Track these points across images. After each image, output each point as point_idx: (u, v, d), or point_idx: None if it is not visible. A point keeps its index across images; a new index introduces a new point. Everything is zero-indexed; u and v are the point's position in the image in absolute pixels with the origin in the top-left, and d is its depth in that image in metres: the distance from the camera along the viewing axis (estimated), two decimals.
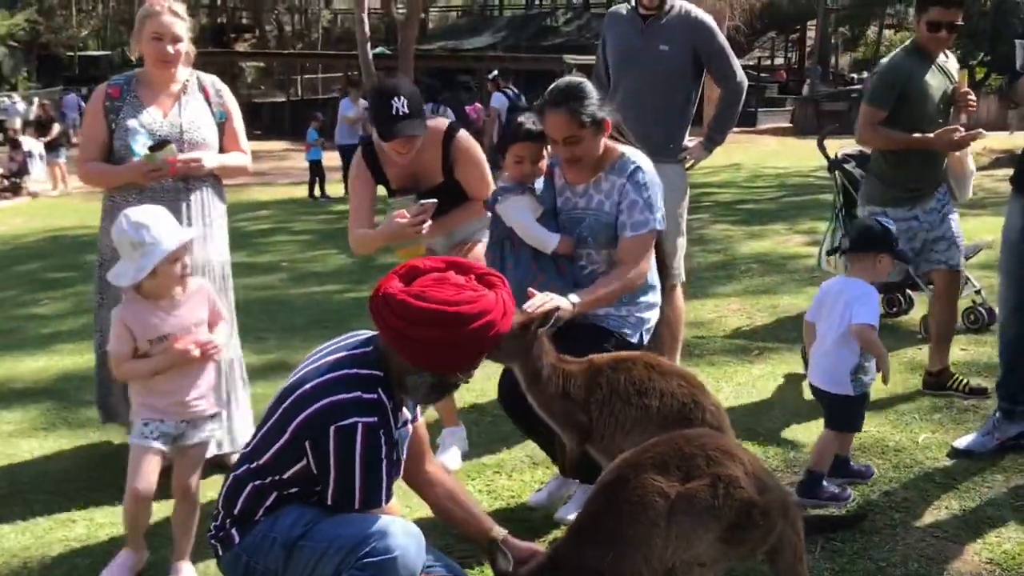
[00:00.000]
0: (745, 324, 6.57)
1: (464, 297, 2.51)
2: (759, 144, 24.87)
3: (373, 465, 2.50)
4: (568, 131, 3.43)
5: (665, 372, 3.19)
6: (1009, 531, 3.47)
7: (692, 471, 2.70)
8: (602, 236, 3.55)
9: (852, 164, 6.54)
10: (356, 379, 2.55)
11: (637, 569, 2.65)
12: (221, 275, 4.21)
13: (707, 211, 12.29)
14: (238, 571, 2.63)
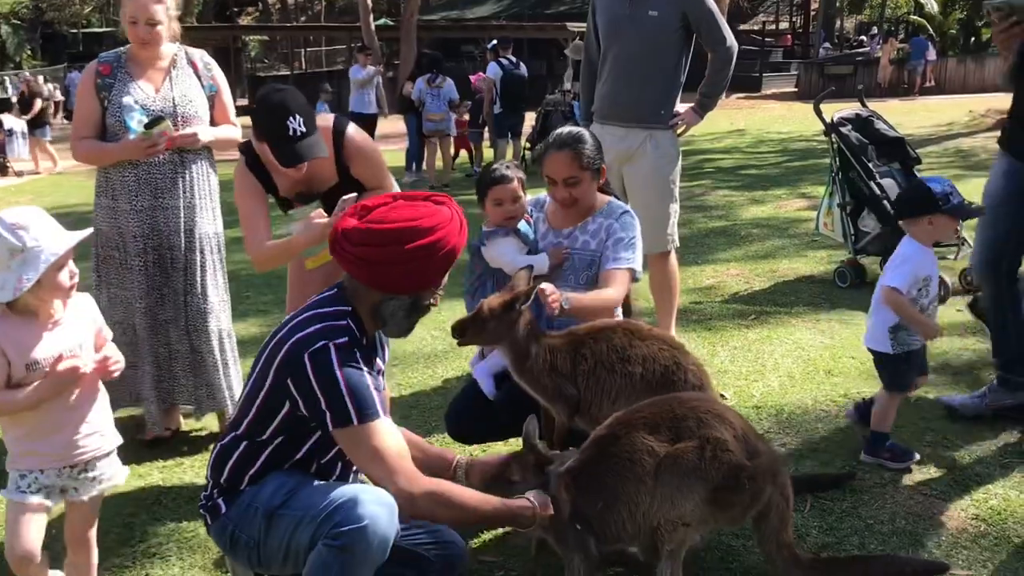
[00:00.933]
0: (744, 289, 6.61)
1: (420, 212, 2.60)
2: (764, 109, 24.79)
3: (354, 377, 2.51)
4: (570, 172, 3.55)
5: (645, 337, 3.23)
6: (996, 488, 3.52)
7: (682, 432, 2.76)
8: (584, 275, 3.63)
9: (848, 128, 6.55)
10: (323, 314, 2.61)
11: (621, 521, 2.73)
12: (216, 247, 4.26)
13: (709, 177, 12.28)
14: (225, 541, 2.68)
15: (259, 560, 2.64)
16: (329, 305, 2.65)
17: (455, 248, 2.63)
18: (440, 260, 2.61)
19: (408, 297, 2.64)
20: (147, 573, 3.26)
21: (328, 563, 2.44)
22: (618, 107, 4.90)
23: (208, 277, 4.25)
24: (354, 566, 2.45)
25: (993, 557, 3.06)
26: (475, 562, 3.16)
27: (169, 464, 4.14)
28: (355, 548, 2.43)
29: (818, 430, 4.10)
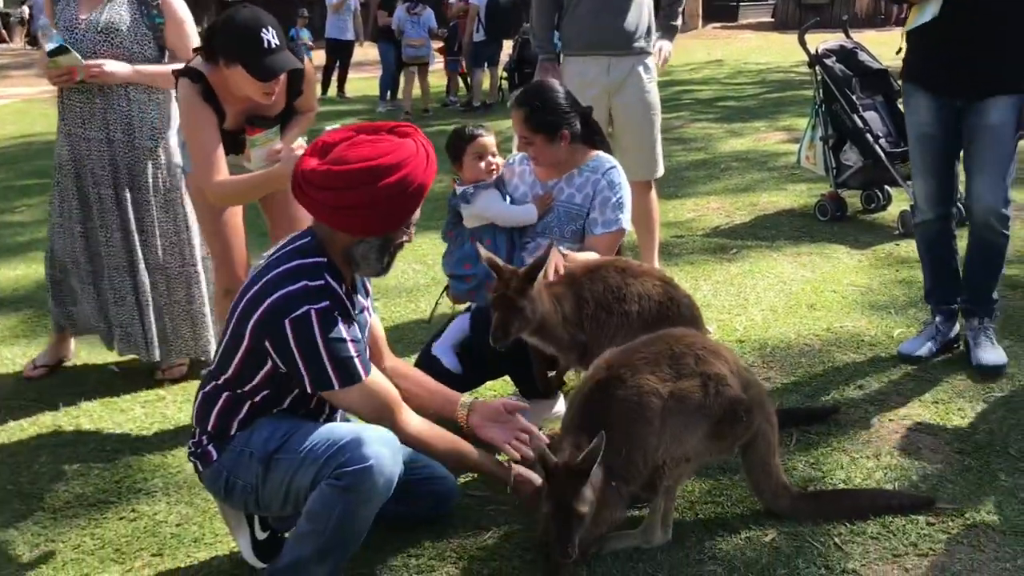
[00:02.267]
0: (725, 223, 6.59)
1: (382, 149, 2.50)
2: (740, 39, 24.59)
3: (336, 344, 2.48)
4: (522, 131, 3.55)
5: (637, 274, 3.22)
6: (980, 423, 3.54)
7: (682, 370, 2.75)
8: (568, 228, 3.61)
9: (833, 59, 6.49)
10: (299, 269, 2.52)
11: (638, 465, 2.70)
12: (163, 186, 4.08)
13: (687, 109, 12.19)
14: (219, 486, 2.65)
15: (257, 503, 2.64)
16: (303, 256, 2.56)
17: (424, 183, 2.55)
18: (409, 198, 2.53)
19: (379, 238, 2.58)
20: (133, 509, 3.24)
21: (332, 501, 2.45)
22: (604, 35, 4.78)
23: (155, 216, 4.08)
24: (359, 504, 2.47)
25: (977, 491, 3.09)
26: (465, 497, 3.16)
27: (151, 399, 4.11)
28: (360, 487, 2.44)
29: (802, 364, 4.11)
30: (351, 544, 2.56)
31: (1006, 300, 4.66)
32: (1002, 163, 3.80)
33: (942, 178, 3.98)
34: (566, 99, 3.61)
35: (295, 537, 2.55)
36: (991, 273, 4.00)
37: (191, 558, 2.95)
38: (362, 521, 2.51)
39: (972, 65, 3.74)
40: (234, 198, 3.59)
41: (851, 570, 2.72)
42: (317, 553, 2.50)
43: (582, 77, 4.70)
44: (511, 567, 2.81)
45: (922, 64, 3.92)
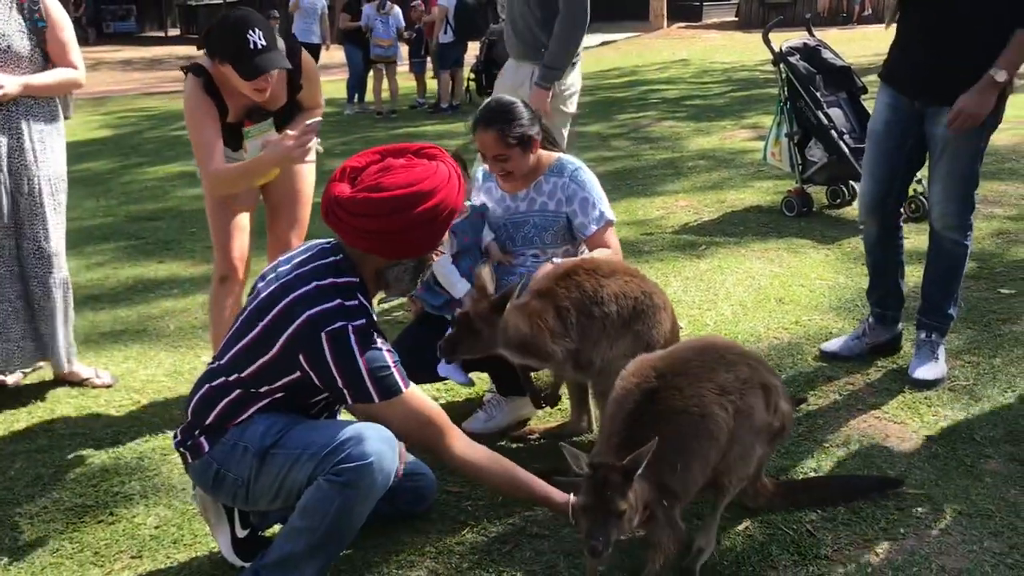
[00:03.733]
0: (693, 220, 6.65)
1: (417, 175, 2.57)
2: (705, 39, 24.75)
3: (374, 357, 2.51)
4: (497, 150, 3.54)
5: (607, 273, 3.24)
6: (945, 410, 3.62)
7: (740, 379, 2.66)
8: (548, 234, 3.64)
9: (797, 57, 6.57)
10: (335, 288, 2.56)
11: (696, 480, 2.60)
12: (50, 192, 4.04)
13: (654, 108, 12.29)
14: (208, 478, 2.66)
15: (246, 497, 2.64)
16: (337, 274, 2.60)
17: (456, 207, 2.65)
18: (443, 222, 2.63)
19: (413, 261, 2.67)
20: (111, 512, 3.24)
21: (330, 497, 2.47)
22: (510, 41, 5.00)
23: (47, 223, 4.03)
24: (357, 501, 2.50)
25: (944, 477, 3.16)
26: (442, 492, 3.19)
27: (125, 403, 4.10)
28: (360, 484, 2.47)
29: (771, 357, 4.17)
30: (343, 541, 2.58)
31: (968, 291, 4.76)
32: (954, 175, 3.75)
33: (880, 181, 3.93)
34: (526, 108, 3.63)
35: (286, 533, 2.56)
36: (946, 286, 3.93)
37: (171, 559, 2.96)
38: (357, 518, 2.54)
39: (934, 68, 3.70)
40: (226, 184, 3.64)
41: (823, 556, 2.78)
42: (309, 549, 2.52)
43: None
44: (489, 560, 2.85)
45: (892, 62, 3.92)
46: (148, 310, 5.37)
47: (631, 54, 21.12)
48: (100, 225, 7.52)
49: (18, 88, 3.86)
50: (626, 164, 8.76)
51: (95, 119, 14.07)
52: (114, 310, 5.38)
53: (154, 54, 28.48)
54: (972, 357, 4.06)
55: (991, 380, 3.84)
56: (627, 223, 6.62)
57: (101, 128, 13.16)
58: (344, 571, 2.83)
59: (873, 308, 4.15)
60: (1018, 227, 5.93)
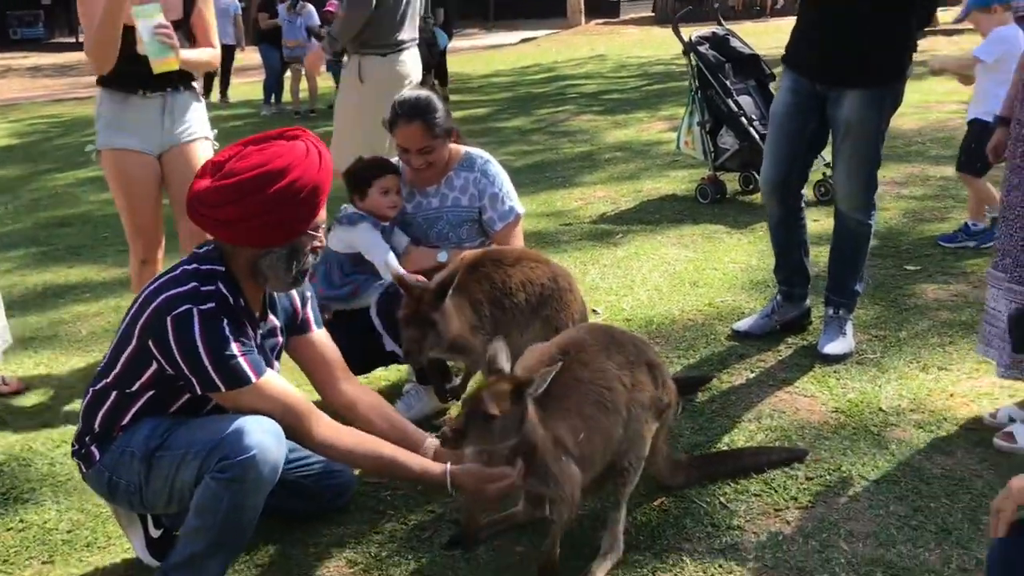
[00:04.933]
0: (610, 210, 6.72)
1: (270, 155, 2.48)
2: (623, 35, 25.01)
3: (218, 345, 2.44)
4: (423, 142, 3.54)
5: (512, 262, 3.27)
6: (853, 383, 3.72)
7: (630, 357, 2.70)
8: (463, 229, 3.66)
9: (706, 46, 6.69)
10: (193, 273, 2.50)
11: (598, 453, 2.61)
12: None
13: (572, 103, 12.38)
14: (102, 487, 2.62)
15: (141, 503, 2.60)
16: (200, 262, 2.54)
17: (318, 184, 2.51)
18: (304, 200, 2.49)
19: (283, 248, 2.54)
20: (20, 519, 3.16)
21: (219, 495, 2.42)
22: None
23: None
24: (245, 495, 2.45)
25: (852, 446, 3.25)
26: (361, 484, 3.18)
27: (37, 409, 4.01)
28: (245, 478, 2.42)
29: (686, 338, 4.24)
30: (242, 535, 2.54)
31: (875, 268, 4.89)
32: (857, 156, 3.84)
33: (782, 162, 3.99)
34: (438, 99, 3.65)
35: (185, 533, 2.52)
36: (851, 263, 4.02)
37: (84, 563, 2.91)
38: (251, 511, 2.50)
39: (833, 51, 3.76)
40: (100, 45, 3.70)
41: (736, 526, 2.84)
42: (209, 547, 2.48)
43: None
44: (408, 547, 2.85)
45: (794, 44, 3.97)
46: (59, 315, 5.25)
47: (550, 50, 21.23)
48: (8, 232, 7.34)
49: None
50: (545, 157, 8.82)
51: (2, 127, 13.70)
52: (23, 317, 5.25)
53: (64, 60, 27.80)
54: (879, 331, 4.17)
55: (897, 352, 3.95)
56: (545, 214, 6.67)
57: (8, 136, 12.82)
58: (262, 566, 2.81)
59: (780, 286, 4.24)
60: (924, 206, 6.11)
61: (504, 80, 16.04)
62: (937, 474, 3.05)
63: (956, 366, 3.80)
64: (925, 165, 7.19)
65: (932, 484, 2.99)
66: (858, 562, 2.64)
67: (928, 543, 2.71)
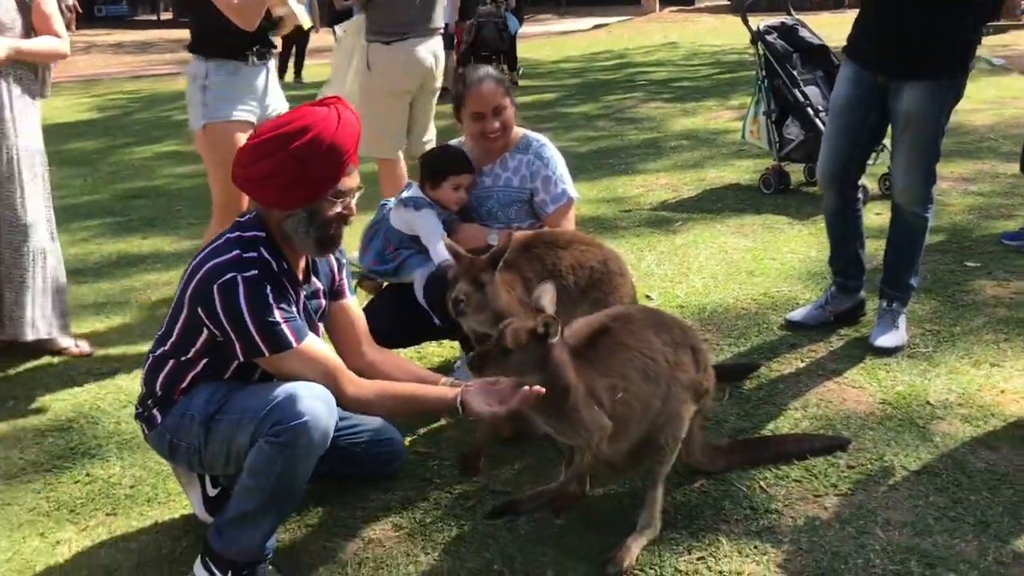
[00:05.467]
0: (671, 197, 6.73)
1: (291, 116, 2.62)
2: (697, 22, 24.74)
3: (262, 311, 2.54)
4: (498, 100, 3.63)
5: (564, 244, 3.33)
6: (903, 376, 3.72)
7: (675, 338, 2.76)
8: (512, 210, 3.72)
9: (774, 35, 6.65)
10: (236, 241, 2.62)
11: (635, 420, 2.67)
12: (28, 163, 4.12)
13: (641, 90, 12.34)
14: (164, 448, 2.76)
15: (200, 464, 2.73)
16: (245, 229, 2.66)
17: (335, 143, 2.58)
18: (321, 160, 2.57)
19: (302, 210, 2.63)
20: (87, 473, 3.33)
21: (272, 458, 2.53)
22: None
23: (24, 192, 4.11)
24: (297, 459, 2.55)
25: (897, 437, 3.26)
26: (411, 453, 3.28)
27: (105, 370, 4.19)
28: (298, 442, 2.52)
29: (738, 326, 4.27)
30: (293, 497, 2.65)
31: (935, 263, 4.85)
32: (916, 148, 3.83)
33: (839, 153, 4.00)
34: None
35: (238, 492, 2.63)
36: (907, 257, 4.02)
37: (144, 516, 3.05)
38: (301, 475, 2.60)
39: (895, 42, 3.76)
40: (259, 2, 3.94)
41: (774, 510, 2.88)
42: (260, 506, 2.59)
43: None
44: (452, 515, 2.94)
45: (856, 36, 3.97)
46: (131, 283, 5.45)
47: (622, 37, 21.13)
48: (86, 203, 7.58)
49: (7, 51, 3.94)
50: (609, 144, 8.83)
51: (84, 101, 14.10)
52: (97, 284, 5.46)
53: (145, 38, 28.43)
54: (933, 326, 4.15)
55: (950, 348, 3.94)
56: (606, 200, 6.71)
57: (90, 110, 13.18)
58: (311, 526, 2.93)
59: (835, 277, 4.24)
60: (990, 203, 6.02)
61: (574, 66, 16.03)
62: (980, 468, 3.05)
63: (1009, 363, 3.77)
64: (995, 162, 7.06)
65: (974, 478, 3.00)
66: (893, 550, 2.67)
67: (966, 534, 2.72)
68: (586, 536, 2.80)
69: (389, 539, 2.85)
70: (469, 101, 3.66)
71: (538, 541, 2.78)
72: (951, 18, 3.68)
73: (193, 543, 2.85)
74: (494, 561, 2.70)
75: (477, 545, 2.78)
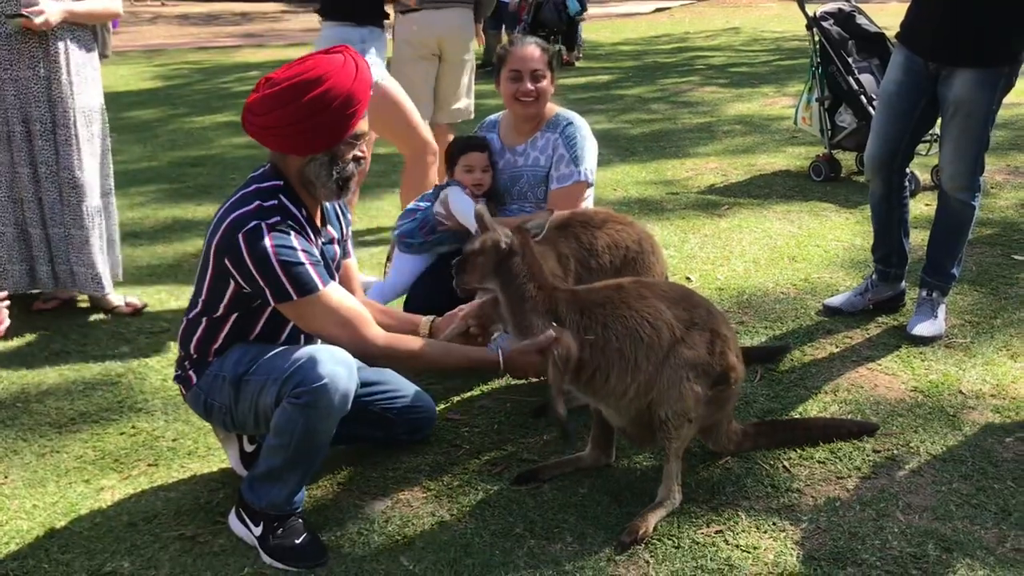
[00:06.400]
0: (720, 181, 6.73)
1: (307, 65, 2.66)
2: (761, 8, 24.40)
3: (288, 254, 2.61)
4: (537, 64, 3.72)
5: (599, 224, 3.37)
6: (938, 364, 3.72)
7: (695, 317, 2.78)
8: (542, 189, 3.79)
9: (830, 22, 6.60)
10: (255, 192, 2.69)
11: (619, 375, 2.73)
12: (84, 123, 4.25)
13: (698, 74, 12.27)
14: (200, 408, 2.87)
15: (233, 423, 2.82)
16: (262, 181, 2.73)
17: (352, 92, 2.66)
18: (340, 107, 2.64)
19: (324, 154, 2.70)
20: (133, 425, 3.46)
21: (294, 418, 2.61)
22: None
23: (81, 153, 4.24)
24: (318, 419, 2.63)
25: (925, 424, 3.27)
26: (443, 419, 3.37)
27: (155, 330, 4.33)
28: (318, 404, 2.59)
29: (775, 310, 4.28)
30: (316, 454, 2.73)
31: (982, 255, 4.82)
32: (965, 136, 3.81)
33: (887, 140, 3.98)
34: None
35: (266, 449, 2.73)
36: (951, 245, 4.01)
37: (184, 468, 3.18)
38: (323, 434, 2.68)
39: (948, 29, 3.74)
40: None
41: (795, 489, 2.91)
42: (286, 463, 2.68)
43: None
44: (479, 480, 3.02)
45: (909, 22, 3.96)
46: (184, 248, 5.60)
47: (683, 21, 20.96)
48: (144, 169, 7.77)
49: (60, 15, 4.08)
50: (663, 127, 8.82)
51: (147, 70, 14.35)
52: (151, 247, 5.62)
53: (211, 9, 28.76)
54: (973, 317, 4.13)
55: (988, 339, 3.92)
56: (653, 182, 6.73)
57: (153, 79, 13.43)
58: (343, 484, 3.03)
59: (877, 265, 4.23)
60: None
61: (633, 48, 15.96)
62: (1008, 457, 3.06)
63: None
64: None
65: (1000, 467, 3.00)
66: (912, 532, 2.69)
67: (986, 522, 2.73)
68: (608, 506, 2.86)
69: (416, 500, 2.94)
70: (509, 59, 3.75)
71: (560, 508, 2.85)
72: (1005, 6, 3.66)
73: (229, 495, 2.96)
74: (516, 525, 2.78)
75: (501, 510, 2.86)
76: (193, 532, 2.81)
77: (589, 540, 2.71)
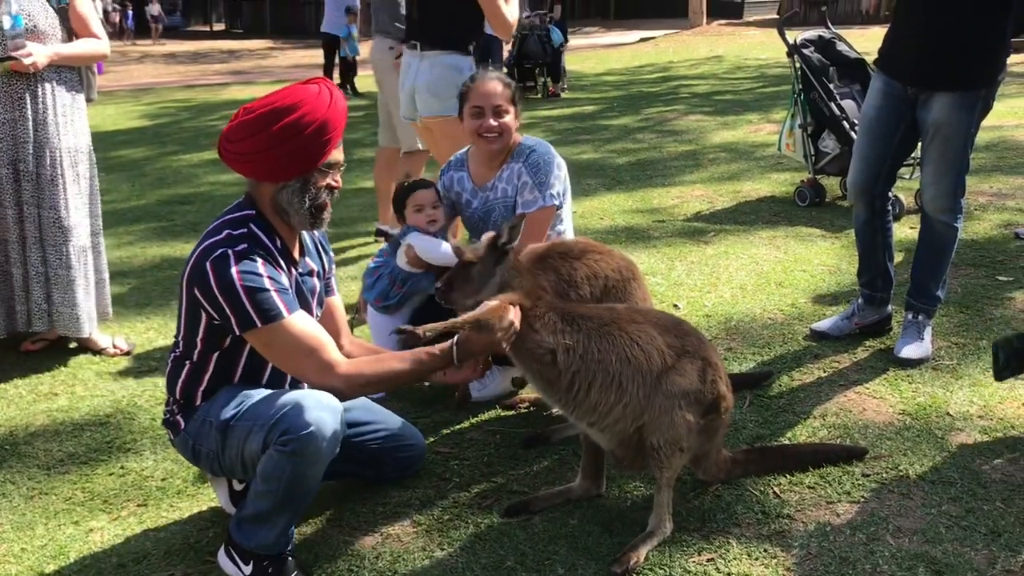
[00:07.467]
0: (706, 208, 6.77)
1: (281, 95, 2.70)
2: (744, 36, 24.70)
3: (253, 280, 2.60)
4: (500, 100, 3.73)
5: (577, 255, 3.36)
6: (925, 387, 3.73)
7: (687, 346, 2.78)
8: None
9: (811, 49, 6.67)
10: (227, 222, 2.71)
11: (605, 397, 2.72)
12: (70, 164, 4.26)
13: (683, 103, 12.38)
14: (188, 453, 2.86)
15: (221, 468, 2.81)
16: (234, 211, 2.76)
17: (326, 120, 2.68)
18: (313, 134, 2.67)
19: (296, 181, 2.72)
20: (121, 466, 3.45)
21: (281, 465, 2.59)
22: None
23: (66, 194, 4.25)
24: (306, 466, 2.61)
25: (914, 447, 3.28)
26: (432, 453, 3.36)
27: (143, 371, 4.32)
28: (305, 451, 2.58)
29: (763, 336, 4.30)
30: (304, 498, 2.71)
31: (966, 277, 4.85)
32: (945, 158, 3.85)
33: (869, 164, 4.02)
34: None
35: (253, 494, 2.70)
36: (935, 267, 4.03)
37: (174, 508, 3.16)
38: (312, 479, 2.66)
39: (924, 54, 3.79)
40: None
41: (786, 515, 2.91)
42: (274, 507, 2.66)
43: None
44: (469, 513, 3.01)
45: (887, 48, 4.01)
46: (173, 286, 5.58)
47: (667, 50, 21.18)
48: (132, 207, 7.79)
49: (48, 58, 4.10)
50: (648, 155, 8.88)
51: (135, 109, 14.42)
52: (139, 285, 5.63)
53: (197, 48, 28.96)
54: (959, 339, 4.16)
55: (975, 361, 3.94)
56: (640, 210, 6.77)
57: (140, 118, 13.49)
58: (332, 521, 3.02)
59: (862, 289, 4.25)
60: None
61: (618, 79, 16.10)
62: (996, 479, 3.07)
63: None
64: None
65: (989, 488, 3.01)
66: (902, 556, 2.69)
67: (976, 543, 2.74)
68: (599, 536, 2.85)
69: (407, 535, 2.93)
70: (472, 95, 3.76)
71: (551, 540, 2.84)
72: (980, 31, 3.73)
73: (219, 534, 2.94)
74: (507, 558, 2.77)
75: (492, 543, 2.85)
76: (183, 572, 2.79)
77: (580, 571, 2.70)
